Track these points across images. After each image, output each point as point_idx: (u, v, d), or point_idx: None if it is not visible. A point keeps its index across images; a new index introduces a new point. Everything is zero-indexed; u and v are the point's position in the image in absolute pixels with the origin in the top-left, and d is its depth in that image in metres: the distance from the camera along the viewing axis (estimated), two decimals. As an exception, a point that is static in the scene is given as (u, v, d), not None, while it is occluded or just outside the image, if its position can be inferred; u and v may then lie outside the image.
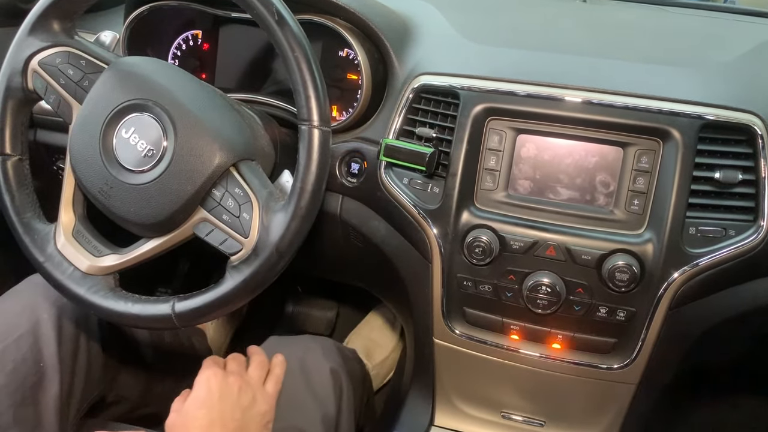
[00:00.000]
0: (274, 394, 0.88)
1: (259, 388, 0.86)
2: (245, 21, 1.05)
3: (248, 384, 0.85)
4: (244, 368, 0.88)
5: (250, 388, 0.84)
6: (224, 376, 0.83)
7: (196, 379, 0.83)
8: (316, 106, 0.72)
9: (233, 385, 0.82)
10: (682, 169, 0.83)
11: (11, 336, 0.87)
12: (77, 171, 0.79)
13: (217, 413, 0.78)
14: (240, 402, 0.81)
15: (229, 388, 0.82)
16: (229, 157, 0.75)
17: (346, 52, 1.02)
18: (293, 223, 0.72)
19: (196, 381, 0.83)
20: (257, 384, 0.86)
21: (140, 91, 0.77)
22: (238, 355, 0.91)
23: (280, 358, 0.94)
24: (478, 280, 0.92)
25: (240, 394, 0.82)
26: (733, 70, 0.93)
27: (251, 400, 0.83)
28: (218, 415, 0.78)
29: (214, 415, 0.78)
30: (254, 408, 0.83)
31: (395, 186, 0.95)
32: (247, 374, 0.87)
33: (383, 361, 1.51)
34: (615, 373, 0.94)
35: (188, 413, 0.79)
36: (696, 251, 0.85)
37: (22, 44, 0.81)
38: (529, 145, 0.90)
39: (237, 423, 0.79)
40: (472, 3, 1.30)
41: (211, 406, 0.79)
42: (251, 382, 0.86)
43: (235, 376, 0.84)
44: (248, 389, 0.84)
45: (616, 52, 0.99)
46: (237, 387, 0.83)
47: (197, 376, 0.83)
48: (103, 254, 0.81)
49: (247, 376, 0.86)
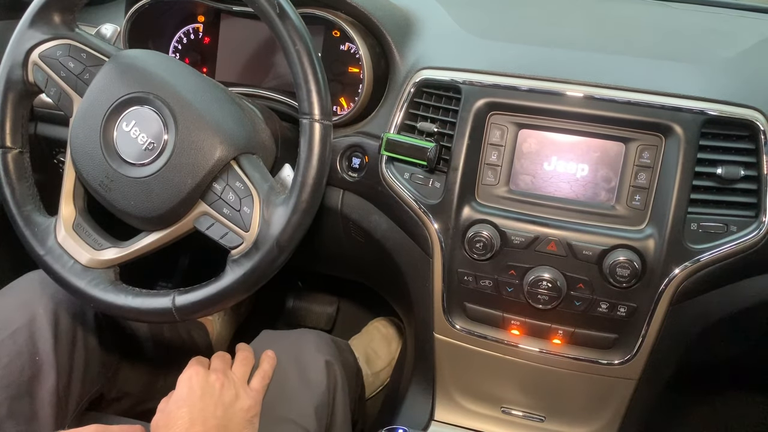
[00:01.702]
0: (260, 389, 0.88)
1: (242, 385, 0.86)
2: (246, 14, 1.04)
3: (230, 380, 0.85)
4: (228, 365, 0.89)
5: (232, 384, 0.85)
6: (206, 375, 0.84)
7: (179, 378, 0.84)
8: (318, 99, 0.72)
9: (215, 382, 0.83)
10: (684, 164, 0.83)
11: (7, 330, 0.87)
12: (78, 164, 0.79)
13: (198, 411, 0.78)
14: (222, 399, 0.82)
15: (210, 386, 0.82)
16: (230, 150, 0.75)
17: (347, 46, 1.02)
18: (294, 217, 0.72)
19: (179, 380, 0.84)
20: (240, 380, 0.87)
21: (141, 84, 0.77)
22: (222, 353, 0.92)
23: (270, 354, 0.95)
24: (479, 275, 0.92)
25: (222, 391, 0.83)
26: (736, 65, 0.93)
27: (233, 396, 0.83)
28: (199, 413, 0.78)
29: (195, 413, 0.78)
30: (237, 404, 0.83)
31: (396, 180, 0.94)
32: (231, 371, 0.88)
33: (379, 372, 1.51)
34: (615, 368, 0.94)
35: (170, 412, 0.79)
36: (697, 247, 0.84)
37: (23, 37, 0.81)
38: (530, 140, 0.90)
39: (218, 420, 0.79)
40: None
41: (192, 405, 0.79)
42: (234, 379, 0.86)
43: (217, 374, 0.85)
44: (230, 386, 0.84)
45: (619, 47, 0.98)
46: (219, 384, 0.83)
47: (180, 376, 0.84)
48: (104, 247, 0.81)
49: (231, 373, 0.87)
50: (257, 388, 0.88)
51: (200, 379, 0.82)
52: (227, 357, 0.91)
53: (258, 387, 0.88)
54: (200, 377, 0.83)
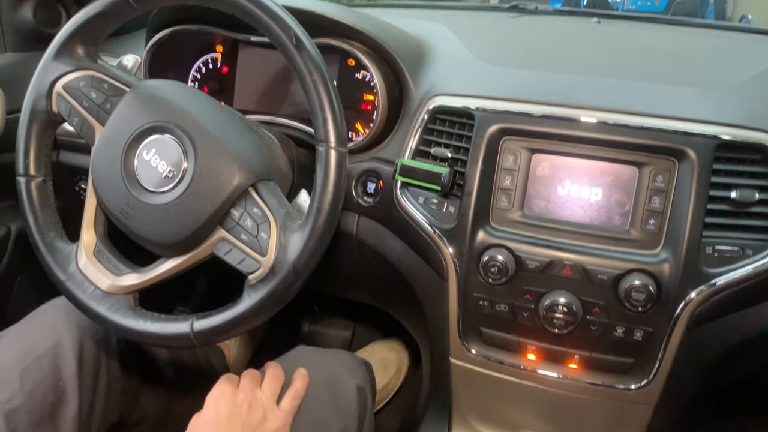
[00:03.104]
0: (290, 411, 0.87)
1: (270, 405, 0.85)
2: (263, 44, 1.07)
3: (259, 401, 0.84)
4: (257, 384, 0.88)
5: (260, 405, 0.84)
6: (234, 395, 0.83)
7: (207, 397, 0.83)
8: (333, 127, 0.73)
9: (242, 403, 0.82)
10: (698, 188, 0.83)
11: (32, 356, 0.87)
12: (99, 192, 0.81)
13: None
14: (249, 420, 0.81)
15: (237, 407, 0.82)
16: (247, 177, 0.76)
17: (362, 74, 1.04)
18: (310, 243, 0.73)
19: (207, 400, 0.83)
20: (269, 401, 0.86)
21: (161, 114, 0.79)
22: (252, 370, 0.91)
23: (302, 372, 0.93)
24: (495, 299, 0.93)
25: (249, 412, 0.82)
26: (748, 89, 0.94)
27: (261, 418, 0.83)
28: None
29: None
30: (264, 426, 0.82)
31: (411, 205, 0.95)
32: (260, 390, 0.87)
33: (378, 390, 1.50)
34: (632, 393, 0.93)
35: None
36: (713, 271, 0.84)
37: (48, 68, 0.83)
38: (544, 164, 0.91)
39: None
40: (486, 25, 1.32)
41: (218, 426, 0.79)
42: (262, 399, 0.85)
43: (246, 393, 0.84)
44: (258, 407, 0.83)
45: (631, 72, 0.99)
46: (247, 405, 0.82)
47: (208, 395, 0.84)
48: (124, 273, 0.82)
49: (259, 392, 0.86)
50: (287, 410, 0.87)
51: (228, 399, 0.82)
52: (257, 375, 0.90)
53: (287, 408, 0.87)
54: (228, 397, 0.82)
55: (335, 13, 0.97)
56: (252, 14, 0.74)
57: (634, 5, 6.30)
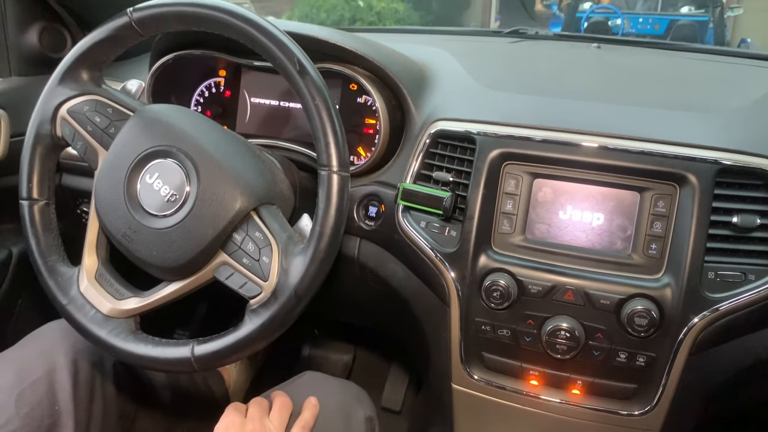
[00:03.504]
0: None
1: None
2: (266, 69, 1.07)
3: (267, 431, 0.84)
4: (265, 413, 0.87)
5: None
6: (242, 425, 0.82)
7: (215, 428, 0.83)
8: (335, 151, 0.74)
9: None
10: (700, 213, 0.83)
11: (28, 380, 0.87)
12: (101, 215, 0.81)
13: None
14: None
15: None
16: (250, 201, 0.76)
17: (364, 98, 1.04)
18: (312, 267, 0.73)
19: (215, 430, 0.82)
20: (278, 430, 0.85)
21: (164, 138, 0.79)
22: (260, 399, 0.90)
23: (313, 402, 0.92)
24: (497, 324, 0.92)
25: None
26: (749, 115, 0.94)
27: None
28: None
29: None
30: None
31: (412, 229, 0.95)
32: (268, 420, 0.86)
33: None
34: (636, 419, 0.92)
35: None
36: (716, 296, 0.84)
37: (53, 93, 0.84)
38: (545, 189, 0.91)
39: None
40: (487, 49, 1.33)
41: None
42: (271, 429, 0.84)
43: (255, 424, 0.83)
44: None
45: (631, 97, 1.00)
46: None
47: (216, 426, 0.83)
48: (125, 297, 0.82)
49: (268, 422, 0.85)
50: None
51: (236, 429, 0.81)
52: (265, 404, 0.89)
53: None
54: (236, 427, 0.82)
55: (337, 38, 0.98)
56: (255, 40, 0.75)
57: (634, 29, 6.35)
